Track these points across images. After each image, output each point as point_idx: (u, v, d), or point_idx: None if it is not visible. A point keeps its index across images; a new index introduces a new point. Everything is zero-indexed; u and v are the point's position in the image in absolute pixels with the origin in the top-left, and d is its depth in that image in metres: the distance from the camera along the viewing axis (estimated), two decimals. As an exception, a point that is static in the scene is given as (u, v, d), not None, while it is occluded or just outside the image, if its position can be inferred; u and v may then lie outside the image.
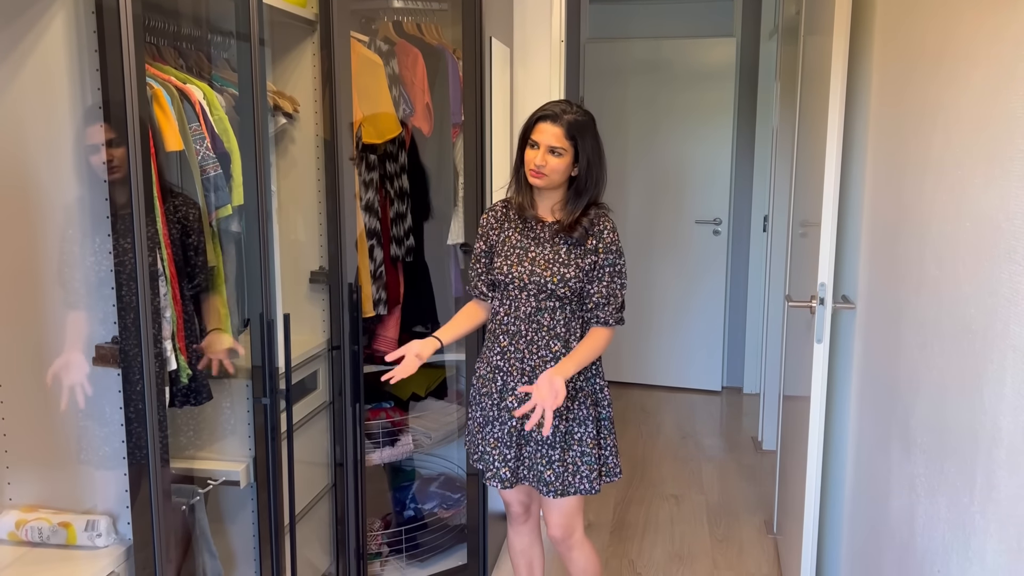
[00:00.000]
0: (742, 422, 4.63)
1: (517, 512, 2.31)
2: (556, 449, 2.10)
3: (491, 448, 2.14)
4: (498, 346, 2.14)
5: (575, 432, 2.10)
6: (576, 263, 2.07)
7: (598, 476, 2.13)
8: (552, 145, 2.02)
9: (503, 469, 2.12)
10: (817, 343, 2.27)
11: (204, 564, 1.96)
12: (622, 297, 2.12)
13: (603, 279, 2.09)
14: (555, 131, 2.02)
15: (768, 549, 3.17)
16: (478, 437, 2.20)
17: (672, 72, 4.95)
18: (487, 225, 2.21)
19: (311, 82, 2.37)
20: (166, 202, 1.74)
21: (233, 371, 2.00)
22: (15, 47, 1.51)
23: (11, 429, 1.61)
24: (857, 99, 2.32)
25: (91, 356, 1.58)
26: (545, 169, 2.03)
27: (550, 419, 1.92)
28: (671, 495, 3.66)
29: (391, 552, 2.85)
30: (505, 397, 2.13)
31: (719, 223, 5.00)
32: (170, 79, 1.77)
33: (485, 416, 2.17)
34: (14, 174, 1.56)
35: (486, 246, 2.20)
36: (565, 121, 2.02)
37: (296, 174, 2.41)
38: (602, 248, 2.08)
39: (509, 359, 2.12)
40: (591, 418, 2.11)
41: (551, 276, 2.06)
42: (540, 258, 2.09)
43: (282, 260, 2.36)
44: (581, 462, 2.11)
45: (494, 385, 2.15)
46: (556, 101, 2.10)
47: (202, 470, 2.00)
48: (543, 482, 2.10)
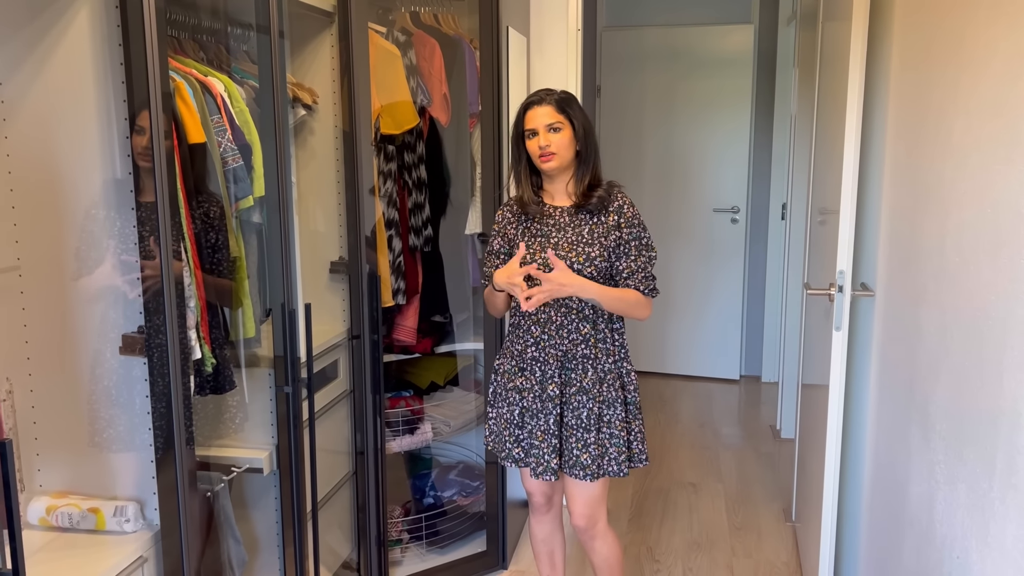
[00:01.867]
0: (760, 410, 4.62)
1: (539, 503, 2.32)
2: (591, 432, 2.11)
3: (539, 441, 2.13)
4: (531, 337, 2.14)
5: (605, 414, 2.12)
6: (600, 241, 2.08)
7: (627, 459, 2.15)
8: (548, 123, 2.05)
9: (553, 460, 2.12)
10: (836, 331, 2.27)
11: (228, 549, 2.00)
12: (652, 270, 2.13)
13: (631, 253, 2.09)
14: (546, 110, 2.06)
15: (786, 537, 3.18)
16: (505, 434, 2.19)
17: (689, 60, 4.93)
18: (504, 220, 2.21)
19: (329, 73, 2.39)
20: (189, 193, 1.76)
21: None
22: (41, 40, 1.54)
23: (41, 417, 1.65)
24: (876, 85, 2.31)
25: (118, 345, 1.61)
26: (552, 147, 2.05)
27: (538, 291, 1.97)
28: (689, 483, 3.67)
29: (411, 539, 2.88)
30: (546, 387, 2.12)
31: (737, 211, 4.98)
32: (192, 72, 1.80)
33: (519, 410, 2.16)
34: (42, 167, 1.58)
35: (505, 241, 2.19)
36: (552, 99, 2.07)
37: (315, 165, 2.43)
38: (624, 223, 2.09)
39: (544, 348, 2.12)
40: (620, 400, 2.13)
41: (576, 257, 2.06)
42: (563, 242, 2.09)
43: (302, 250, 2.39)
44: (610, 444, 2.12)
45: (533, 377, 2.14)
46: (536, 91, 2.14)
47: (226, 457, 2.03)
48: (580, 466, 2.11)
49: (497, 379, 2.23)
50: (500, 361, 2.24)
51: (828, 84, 2.77)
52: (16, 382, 1.63)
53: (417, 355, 2.86)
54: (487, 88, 2.64)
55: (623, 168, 5.07)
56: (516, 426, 2.18)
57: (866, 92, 2.26)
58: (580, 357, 2.11)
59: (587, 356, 2.11)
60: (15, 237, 1.60)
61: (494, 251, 2.21)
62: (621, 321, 2.17)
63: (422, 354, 2.87)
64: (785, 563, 2.98)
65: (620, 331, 2.17)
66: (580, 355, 2.11)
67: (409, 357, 2.86)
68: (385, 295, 2.53)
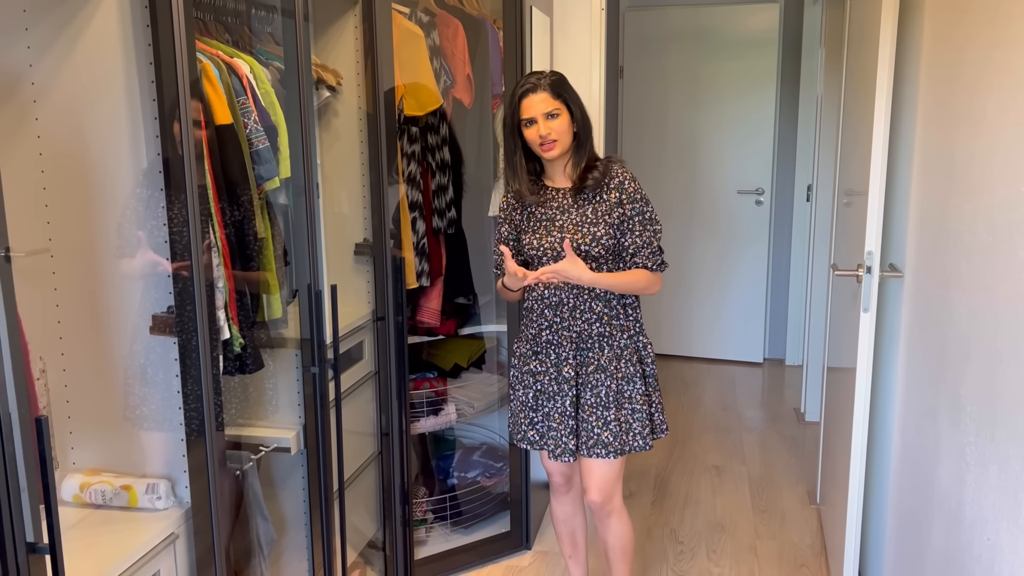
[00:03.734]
0: (784, 393, 4.60)
1: (559, 483, 2.33)
2: (611, 409, 2.11)
3: (556, 423, 2.14)
4: (545, 321, 2.15)
5: (625, 390, 2.12)
6: (604, 220, 2.07)
7: (650, 432, 2.16)
8: (546, 111, 2.03)
9: (571, 442, 2.13)
10: (864, 312, 2.25)
11: (257, 527, 2.02)
12: (658, 243, 2.12)
13: (635, 229, 2.09)
14: (542, 97, 2.03)
15: (811, 519, 3.17)
16: (521, 417, 2.21)
17: (713, 39, 4.87)
18: (508, 208, 2.20)
19: (353, 55, 2.39)
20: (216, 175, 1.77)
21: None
22: (70, 23, 1.55)
23: (74, 396, 1.67)
24: (906, 63, 2.27)
25: (148, 325, 1.63)
26: (553, 135, 2.03)
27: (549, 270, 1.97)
28: (712, 466, 3.66)
29: (436, 519, 2.90)
30: (562, 369, 2.13)
31: (761, 193, 4.93)
32: (218, 53, 1.80)
33: (534, 393, 2.18)
34: (71, 149, 1.60)
35: (511, 228, 2.20)
36: (545, 84, 2.04)
37: (340, 147, 2.44)
38: (626, 199, 2.08)
39: (558, 331, 2.13)
40: (638, 375, 2.14)
41: (582, 237, 2.06)
42: (568, 223, 2.09)
43: (327, 232, 2.40)
44: (633, 419, 2.13)
45: (548, 360, 2.15)
46: (523, 78, 2.10)
47: (255, 437, 2.05)
48: (601, 444, 2.12)
49: (514, 362, 2.25)
50: (517, 344, 2.25)
51: (856, 62, 2.73)
52: (49, 361, 1.65)
53: (441, 337, 2.87)
54: (511, 69, 2.63)
55: (646, 150, 5.03)
56: (531, 409, 2.19)
57: (896, 70, 2.22)
58: (596, 336, 2.12)
59: (602, 334, 2.12)
60: (46, 218, 1.62)
61: (502, 238, 2.21)
62: (635, 296, 2.18)
63: (446, 336, 2.88)
64: (810, 545, 2.97)
65: (634, 306, 2.17)
66: (595, 334, 2.12)
67: (433, 339, 2.87)
68: (409, 277, 2.54)
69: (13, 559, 1.13)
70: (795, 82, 4.80)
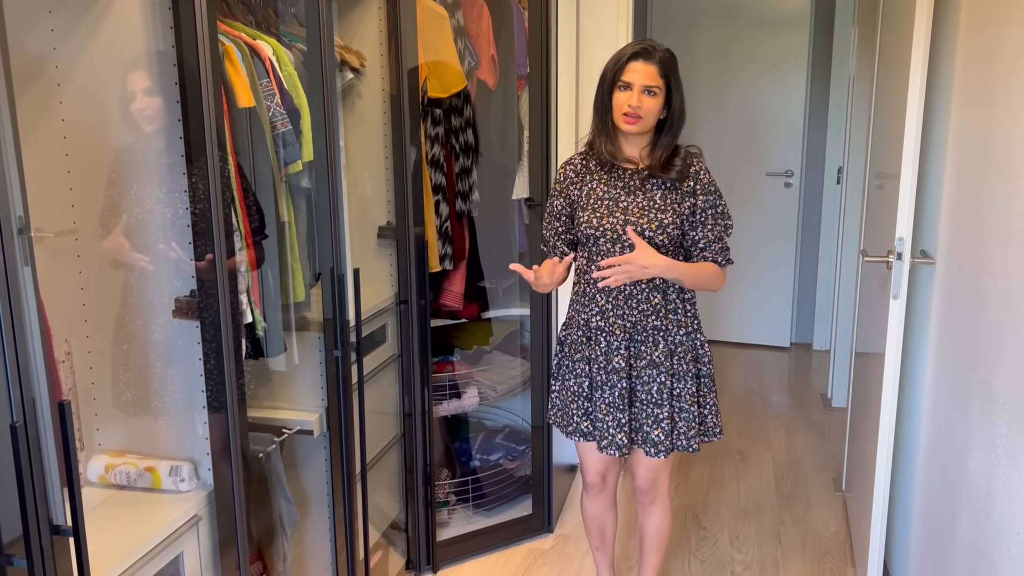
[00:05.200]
0: (811, 379, 4.55)
1: (594, 482, 2.26)
2: (664, 407, 2.04)
3: (603, 415, 2.07)
4: (596, 306, 2.05)
5: (675, 388, 2.04)
6: (673, 208, 1.98)
7: (697, 434, 2.07)
8: (647, 84, 1.92)
9: (619, 435, 2.05)
10: (893, 299, 2.20)
11: (280, 508, 2.04)
12: (727, 239, 2.04)
13: (707, 223, 2.00)
14: (650, 69, 1.92)
15: (836, 506, 3.14)
16: (572, 408, 2.11)
17: (743, 18, 4.79)
18: (566, 180, 2.09)
19: (377, 36, 2.37)
20: (239, 158, 1.77)
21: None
22: (93, 5, 1.55)
23: (99, 378, 1.69)
24: (942, 43, 2.21)
25: (171, 309, 1.63)
26: (640, 111, 1.93)
27: (621, 271, 1.88)
28: (737, 451, 3.63)
29: (458, 501, 2.91)
30: (612, 359, 2.04)
31: (791, 175, 4.86)
32: (240, 35, 1.79)
33: (589, 382, 2.08)
34: (95, 132, 1.60)
35: (566, 202, 2.08)
36: (659, 58, 1.93)
37: (363, 129, 2.42)
38: (700, 190, 2.00)
39: (609, 318, 2.04)
40: (691, 374, 2.05)
41: (648, 223, 1.97)
42: (634, 206, 2.00)
43: (350, 215, 2.39)
44: (680, 418, 2.05)
45: (597, 348, 2.06)
46: (640, 40, 2.00)
47: (278, 419, 2.07)
48: (651, 442, 2.05)
49: (564, 350, 2.14)
50: (566, 332, 2.13)
51: (891, 42, 2.66)
52: (75, 344, 1.67)
53: (464, 320, 2.87)
54: (535, 49, 2.60)
55: (673, 131, 4.97)
56: (585, 399, 2.10)
57: (931, 50, 2.16)
58: (651, 329, 2.03)
59: (658, 328, 2.03)
60: (71, 201, 1.63)
61: (555, 212, 2.10)
62: (693, 291, 2.09)
63: (469, 319, 2.87)
64: (834, 533, 2.95)
65: (692, 301, 2.08)
66: (651, 327, 2.02)
67: (456, 322, 2.87)
68: (432, 260, 2.53)
69: (37, 541, 1.15)
70: (827, 61, 4.71)
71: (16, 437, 1.10)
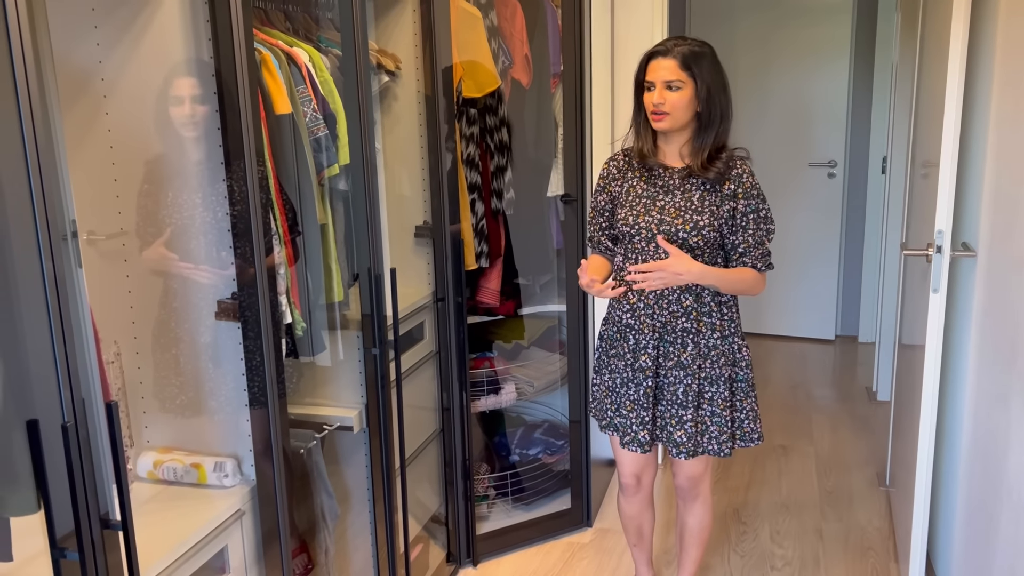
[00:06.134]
0: (856, 372, 4.49)
1: (629, 483, 2.26)
2: (688, 409, 2.03)
3: (627, 411, 2.08)
4: (627, 304, 2.06)
5: (706, 391, 2.04)
6: (711, 210, 1.96)
7: (729, 439, 2.06)
8: (668, 80, 1.92)
9: (642, 432, 2.06)
10: (933, 292, 2.17)
11: (322, 503, 2.10)
12: (769, 244, 2.01)
13: (748, 227, 1.98)
14: (668, 64, 1.92)
15: (880, 502, 3.10)
16: (607, 403, 2.14)
17: (783, 8, 4.73)
18: (608, 176, 2.11)
19: (412, 38, 2.40)
20: (277, 164, 1.82)
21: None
22: (136, 19, 1.60)
23: (146, 377, 1.76)
24: (982, 29, 2.17)
25: (214, 311, 1.69)
26: (665, 107, 1.93)
27: (655, 278, 1.90)
28: (779, 445, 3.61)
29: (497, 495, 2.95)
30: (639, 357, 2.05)
31: (834, 165, 4.79)
32: (278, 43, 1.84)
33: (620, 378, 2.10)
34: (139, 141, 1.66)
35: (608, 198, 2.10)
36: (678, 53, 1.92)
37: (399, 130, 2.46)
38: (742, 193, 1.97)
39: (639, 316, 2.04)
40: (724, 378, 2.04)
41: (683, 224, 1.96)
42: (670, 206, 1.99)
43: (388, 215, 2.44)
44: (711, 422, 2.04)
45: (626, 345, 2.08)
46: (666, 39, 2.01)
47: (318, 416, 2.12)
48: (673, 443, 2.05)
49: (602, 345, 2.16)
50: (604, 327, 2.16)
51: (931, 28, 2.61)
52: (123, 344, 1.74)
53: (500, 316, 2.90)
54: (569, 47, 2.61)
55: (713, 123, 4.93)
56: (617, 394, 2.12)
57: (971, 36, 2.12)
58: (679, 331, 2.02)
59: (687, 330, 2.02)
60: (118, 208, 1.69)
61: (597, 208, 2.12)
62: (732, 295, 2.06)
63: (505, 316, 2.90)
64: (878, 528, 2.92)
65: (729, 304, 2.06)
66: (680, 328, 2.02)
67: (493, 319, 2.90)
68: (468, 258, 2.56)
69: (88, 535, 1.21)
70: (870, 49, 4.63)
71: (68, 436, 1.16)
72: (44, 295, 1.14)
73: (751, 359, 2.09)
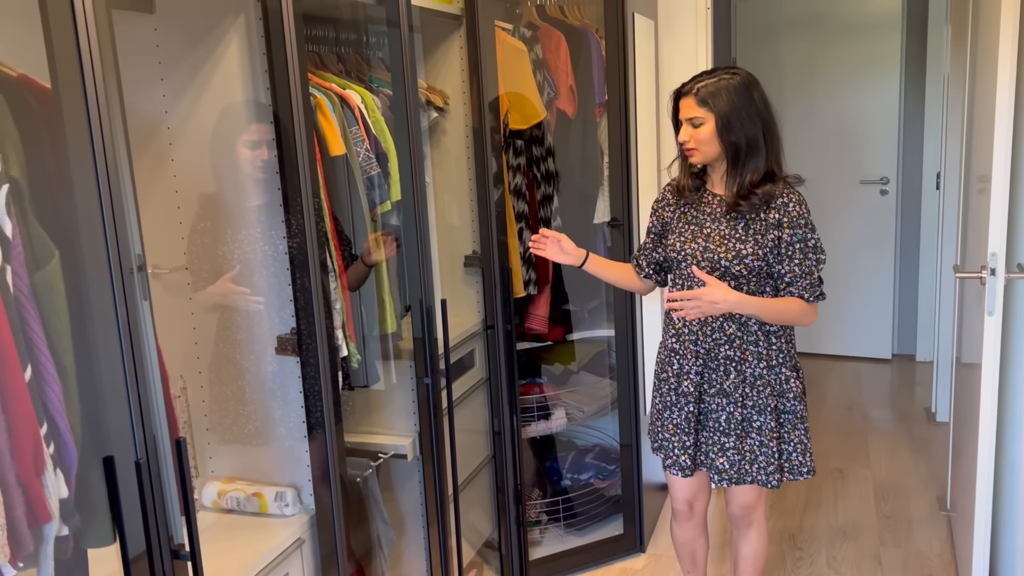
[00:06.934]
0: (914, 392, 4.40)
1: (681, 510, 2.26)
2: (731, 437, 2.04)
3: (670, 435, 2.11)
4: (673, 328, 2.10)
5: (754, 420, 2.03)
6: (755, 239, 1.97)
7: (777, 470, 2.04)
8: (689, 117, 1.98)
9: (683, 456, 2.08)
10: (988, 315, 2.15)
11: (378, 530, 2.15)
12: (819, 273, 1.99)
13: (794, 256, 1.96)
14: (687, 102, 1.98)
15: (941, 527, 3.04)
16: (657, 424, 2.17)
17: (830, 24, 4.70)
18: (662, 201, 2.16)
19: (459, 73, 2.47)
20: (332, 202, 1.89)
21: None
22: (199, 71, 1.70)
23: (211, 410, 1.84)
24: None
25: (274, 346, 1.76)
26: (691, 143, 1.98)
27: (692, 307, 1.92)
28: (835, 469, 3.56)
29: (549, 520, 2.97)
30: (682, 382, 2.08)
31: (886, 182, 4.73)
32: (332, 87, 1.92)
33: (664, 402, 2.13)
34: (202, 183, 1.75)
35: (659, 223, 2.16)
36: (695, 90, 1.97)
37: (448, 163, 2.53)
38: (787, 223, 1.95)
39: (684, 341, 2.07)
40: (771, 408, 2.02)
41: (725, 252, 1.98)
42: (715, 234, 2.01)
43: (439, 246, 2.50)
44: (759, 451, 2.04)
45: (671, 369, 2.10)
46: (697, 74, 2.04)
47: (373, 444, 2.18)
48: (715, 470, 2.06)
49: (655, 369, 2.20)
50: (658, 351, 2.19)
51: (980, 39, 2.59)
52: (189, 379, 1.82)
53: (550, 342, 2.93)
54: (613, 78, 2.65)
55: (761, 142, 4.91)
56: (662, 417, 2.15)
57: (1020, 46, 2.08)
58: (722, 358, 2.03)
59: (730, 358, 2.02)
60: (183, 249, 1.78)
61: (649, 228, 2.20)
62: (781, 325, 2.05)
63: (554, 341, 2.94)
64: (938, 555, 2.86)
65: (779, 334, 2.03)
66: (723, 356, 2.02)
67: (542, 344, 2.93)
68: (517, 286, 2.61)
69: (160, 564, 1.27)
70: (920, 63, 4.57)
71: (140, 472, 1.23)
72: (117, 329, 1.21)
73: (801, 390, 2.06)
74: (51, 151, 1.19)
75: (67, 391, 1.18)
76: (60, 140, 1.15)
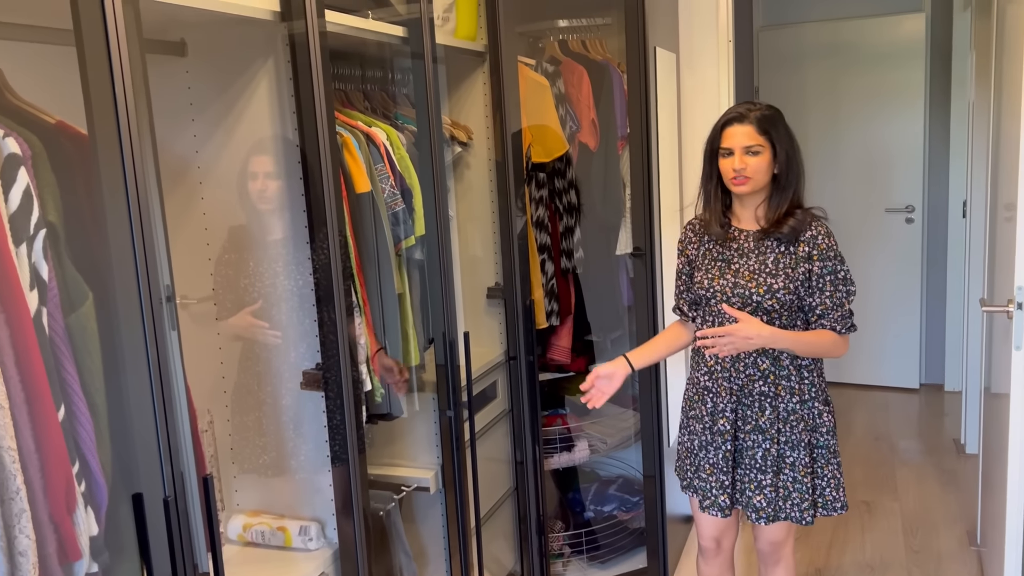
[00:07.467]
0: (943, 422, 4.34)
1: (709, 547, 2.24)
2: (767, 474, 2.02)
3: (707, 475, 2.08)
4: (705, 366, 2.08)
5: (787, 456, 2.01)
6: (786, 272, 1.96)
7: (811, 506, 2.02)
8: (746, 145, 1.93)
9: (721, 496, 2.05)
10: (1016, 350, 2.12)
11: (400, 563, 2.15)
12: (850, 305, 1.99)
13: (825, 289, 1.96)
14: (746, 130, 1.94)
15: (971, 563, 2.98)
16: (687, 463, 2.15)
17: (854, 53, 4.71)
18: (686, 239, 2.14)
19: (483, 109, 2.51)
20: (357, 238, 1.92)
21: (405, 384, 2.14)
22: (229, 112, 1.74)
23: (237, 443, 1.86)
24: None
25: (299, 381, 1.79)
26: (747, 171, 1.94)
27: (725, 343, 1.89)
28: (862, 501, 3.51)
29: (572, 552, 2.96)
30: (717, 420, 2.05)
31: (912, 211, 4.70)
32: (358, 124, 1.95)
33: (698, 441, 2.11)
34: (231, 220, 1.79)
35: (686, 261, 2.14)
36: (754, 118, 1.94)
37: (472, 197, 2.56)
38: (817, 255, 1.96)
39: (717, 379, 2.05)
40: (804, 443, 2.01)
41: (756, 287, 1.97)
42: (744, 269, 2.00)
43: (461, 278, 2.53)
44: (793, 488, 2.01)
45: (704, 407, 2.08)
46: (736, 105, 2.04)
47: (396, 477, 2.19)
48: (752, 508, 2.04)
49: (683, 405, 2.18)
50: (686, 387, 2.18)
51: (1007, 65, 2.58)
52: (216, 412, 1.85)
53: (572, 373, 2.94)
54: (635, 111, 2.67)
55: (784, 170, 4.91)
56: (695, 456, 2.12)
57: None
58: (757, 394, 2.01)
59: (764, 394, 2.01)
60: (211, 285, 1.82)
61: (678, 271, 2.16)
62: (813, 359, 2.04)
63: (577, 372, 2.94)
64: (969, 591, 2.81)
65: (810, 368, 2.03)
66: (757, 392, 2.01)
67: (564, 375, 2.94)
68: (539, 317, 2.62)
69: (187, 600, 1.29)
70: (945, 91, 4.56)
71: (168, 510, 1.25)
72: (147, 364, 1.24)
73: (833, 424, 2.05)
74: (86, 195, 1.23)
75: (98, 429, 1.21)
76: (95, 184, 1.19)
